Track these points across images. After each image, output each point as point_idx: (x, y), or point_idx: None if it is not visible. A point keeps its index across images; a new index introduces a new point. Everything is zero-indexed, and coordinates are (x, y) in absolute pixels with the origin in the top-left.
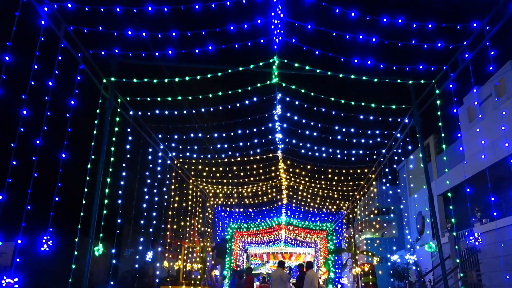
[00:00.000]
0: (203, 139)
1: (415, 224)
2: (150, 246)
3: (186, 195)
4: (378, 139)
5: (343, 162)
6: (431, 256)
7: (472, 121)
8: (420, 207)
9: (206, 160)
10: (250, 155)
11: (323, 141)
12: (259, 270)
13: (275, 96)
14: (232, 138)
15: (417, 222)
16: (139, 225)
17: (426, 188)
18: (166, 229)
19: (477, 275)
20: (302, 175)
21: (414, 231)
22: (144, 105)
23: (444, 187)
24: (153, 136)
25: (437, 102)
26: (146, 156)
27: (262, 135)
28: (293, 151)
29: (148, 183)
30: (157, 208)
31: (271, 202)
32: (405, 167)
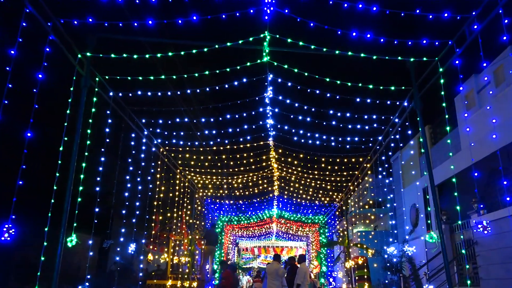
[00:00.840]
0: (190, 124)
1: (409, 216)
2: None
3: (174, 185)
4: (375, 125)
5: (337, 151)
6: (434, 247)
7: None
8: (413, 200)
9: (194, 148)
10: (240, 143)
11: (316, 128)
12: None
13: (266, 77)
14: (221, 124)
15: (411, 215)
16: (120, 215)
17: (420, 180)
18: (151, 220)
19: (474, 268)
20: (294, 164)
21: (408, 224)
22: (125, 85)
23: (438, 178)
24: (136, 121)
25: (440, 81)
26: (129, 142)
27: (253, 121)
28: (285, 138)
29: (131, 171)
30: (141, 197)
31: (262, 194)
32: (399, 158)
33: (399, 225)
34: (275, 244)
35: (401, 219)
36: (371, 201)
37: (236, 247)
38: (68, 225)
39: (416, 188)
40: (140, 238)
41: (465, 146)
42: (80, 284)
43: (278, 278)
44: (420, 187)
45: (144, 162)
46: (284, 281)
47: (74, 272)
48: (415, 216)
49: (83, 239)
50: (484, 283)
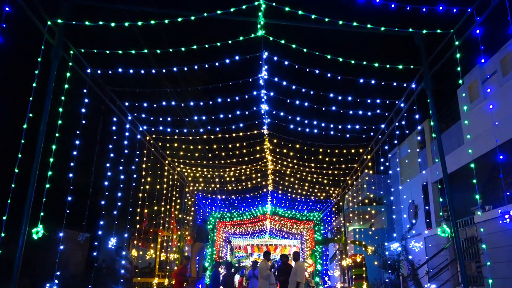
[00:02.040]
0: (178, 110)
1: (407, 213)
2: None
3: (162, 177)
4: (378, 111)
5: (336, 140)
6: (447, 242)
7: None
8: (412, 196)
9: (183, 137)
10: (232, 131)
11: (315, 114)
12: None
13: (261, 55)
14: (212, 109)
15: (409, 212)
16: (98, 205)
17: (419, 176)
18: (136, 213)
19: (477, 267)
20: (289, 156)
21: (406, 221)
22: (104, 62)
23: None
24: (119, 104)
25: (456, 56)
26: (109, 126)
27: (246, 106)
28: (280, 127)
29: (112, 158)
30: (123, 188)
31: (256, 189)
32: (397, 154)
33: (396, 223)
34: (268, 242)
35: (399, 216)
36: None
37: (228, 245)
38: (33, 215)
39: (415, 184)
40: (122, 232)
41: (467, 139)
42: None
43: (265, 276)
44: (419, 183)
45: (128, 150)
46: (272, 279)
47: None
48: (413, 213)
49: (49, 230)
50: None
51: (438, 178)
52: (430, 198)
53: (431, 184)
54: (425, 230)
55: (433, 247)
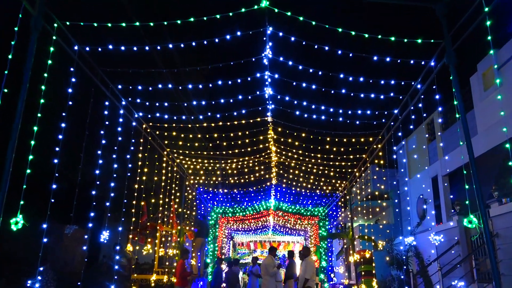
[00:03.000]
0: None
1: (415, 208)
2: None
3: (160, 169)
4: (392, 94)
5: (344, 127)
6: (472, 235)
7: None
8: (421, 190)
9: (182, 124)
10: (234, 118)
11: (323, 98)
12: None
13: (265, 31)
14: (212, 93)
15: (417, 207)
16: (88, 195)
17: (429, 169)
18: (131, 205)
19: None
20: (294, 146)
21: (415, 216)
22: (93, 38)
23: (450, 166)
24: (111, 87)
25: (486, 24)
26: (101, 111)
27: (249, 90)
28: (285, 113)
29: (104, 145)
30: (117, 178)
31: (259, 182)
32: (405, 147)
33: (404, 218)
34: (271, 239)
35: (406, 211)
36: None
37: (231, 241)
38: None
39: (424, 177)
40: (116, 226)
41: (482, 129)
42: None
43: (272, 274)
44: (428, 177)
45: (122, 137)
46: (278, 276)
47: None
48: (422, 208)
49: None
50: (506, 279)
51: (448, 171)
52: (440, 191)
53: (441, 177)
54: (434, 225)
55: (444, 243)
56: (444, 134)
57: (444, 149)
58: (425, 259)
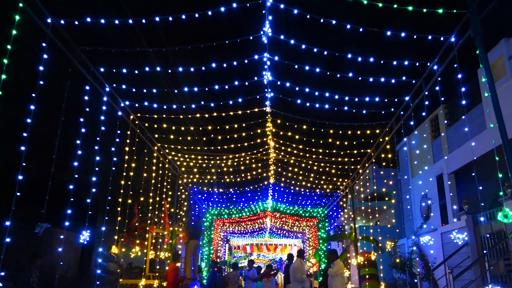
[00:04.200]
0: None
1: (419, 209)
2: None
3: (150, 165)
4: (404, 78)
5: (350, 118)
6: (510, 232)
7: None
8: (424, 190)
9: (173, 115)
10: (229, 108)
11: (327, 83)
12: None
13: (264, 2)
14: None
15: (421, 207)
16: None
17: (433, 167)
18: (117, 203)
19: (506, 265)
20: (294, 141)
21: (418, 217)
22: (69, 10)
23: (457, 163)
24: (92, 70)
25: None
26: (80, 95)
27: (245, 75)
28: (285, 103)
29: (84, 134)
30: (99, 172)
31: (256, 181)
32: (407, 144)
33: (406, 219)
34: (268, 242)
35: (408, 212)
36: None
37: (227, 244)
38: None
39: (428, 176)
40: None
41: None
42: None
43: (299, 279)
44: (432, 175)
45: (106, 127)
46: (306, 284)
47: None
48: (426, 208)
49: None
50: None
51: (455, 168)
52: (446, 190)
53: (447, 175)
54: (440, 225)
55: (450, 244)
56: (450, 129)
57: (450, 146)
58: (430, 262)
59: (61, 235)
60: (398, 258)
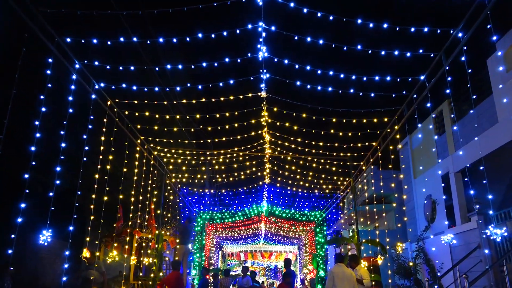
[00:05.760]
0: (143, 54)
1: (423, 211)
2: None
3: (130, 159)
4: (421, 51)
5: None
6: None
7: None
8: (429, 191)
9: (156, 101)
10: (220, 93)
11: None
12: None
13: None
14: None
15: (425, 209)
16: (17, 178)
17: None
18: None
19: None
20: (293, 133)
21: (422, 219)
22: None
23: (466, 160)
24: (57, 41)
25: None
26: (41, 68)
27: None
28: (283, 85)
29: (45, 114)
30: (66, 161)
31: (250, 182)
32: (408, 144)
33: (409, 222)
34: (263, 249)
35: (412, 214)
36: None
37: (220, 251)
38: None
39: (433, 176)
40: (64, 224)
41: (503, 117)
42: None
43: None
44: (437, 175)
45: (75, 110)
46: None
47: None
48: (431, 210)
49: None
50: None
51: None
52: (453, 190)
53: (453, 174)
54: (447, 228)
55: (460, 247)
56: (457, 125)
57: (456, 142)
58: (436, 267)
59: (13, 234)
60: (402, 263)
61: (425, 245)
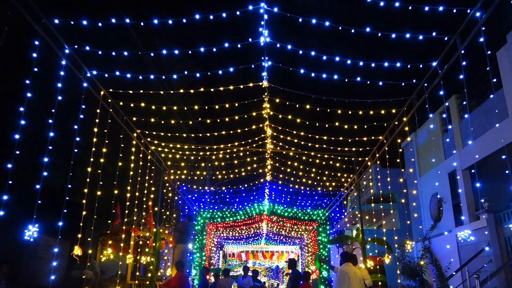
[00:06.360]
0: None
1: (428, 210)
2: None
3: (127, 154)
4: (434, 33)
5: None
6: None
7: None
8: (435, 188)
9: (151, 91)
10: (220, 82)
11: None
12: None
13: None
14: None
15: (431, 207)
16: None
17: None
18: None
19: None
20: (295, 126)
21: (428, 219)
22: None
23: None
24: (45, 22)
25: None
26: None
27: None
28: (285, 74)
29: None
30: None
31: (251, 178)
32: (414, 141)
33: (414, 221)
34: (264, 249)
35: (417, 213)
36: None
37: (221, 251)
38: None
39: (438, 174)
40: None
41: None
42: None
43: None
44: (444, 173)
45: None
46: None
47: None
48: (437, 208)
49: None
50: None
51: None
52: (461, 188)
53: (461, 171)
54: (454, 227)
55: (468, 247)
56: (464, 120)
57: (464, 138)
58: (443, 267)
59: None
60: (408, 263)
61: (431, 245)
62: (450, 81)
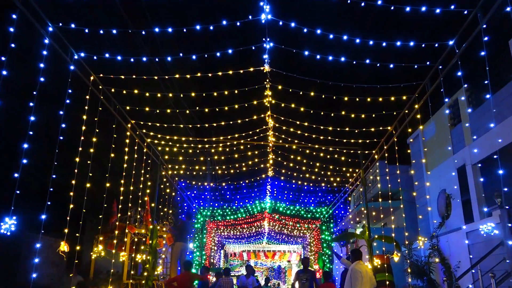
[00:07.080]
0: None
1: (436, 207)
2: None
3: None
4: (453, 7)
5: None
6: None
7: None
8: (443, 185)
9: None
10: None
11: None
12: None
13: None
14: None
15: (439, 204)
16: None
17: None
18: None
19: None
20: (299, 116)
21: (434, 216)
22: None
23: (482, 152)
24: None
25: None
26: (3, 25)
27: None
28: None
29: (7, 79)
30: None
31: (252, 174)
32: (420, 136)
33: (421, 218)
34: (266, 248)
35: (424, 210)
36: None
37: (222, 251)
38: None
39: (447, 169)
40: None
41: None
42: None
43: None
44: (452, 168)
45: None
46: None
47: None
48: (445, 205)
49: None
50: None
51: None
52: (471, 184)
53: (470, 166)
54: (463, 224)
55: (478, 245)
56: (474, 114)
57: (473, 132)
58: (452, 266)
59: None
60: (415, 262)
61: (439, 243)
62: (466, 66)
